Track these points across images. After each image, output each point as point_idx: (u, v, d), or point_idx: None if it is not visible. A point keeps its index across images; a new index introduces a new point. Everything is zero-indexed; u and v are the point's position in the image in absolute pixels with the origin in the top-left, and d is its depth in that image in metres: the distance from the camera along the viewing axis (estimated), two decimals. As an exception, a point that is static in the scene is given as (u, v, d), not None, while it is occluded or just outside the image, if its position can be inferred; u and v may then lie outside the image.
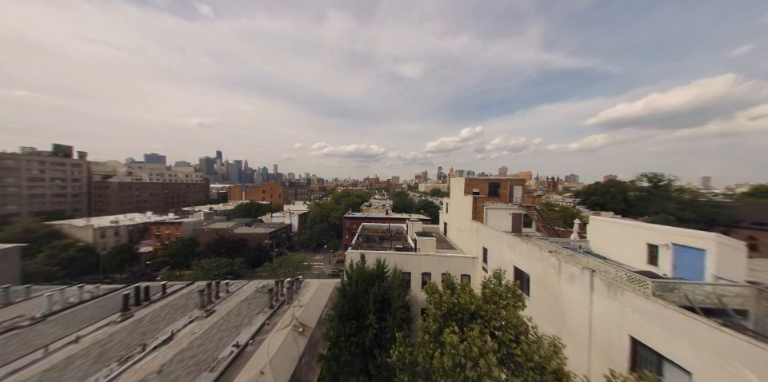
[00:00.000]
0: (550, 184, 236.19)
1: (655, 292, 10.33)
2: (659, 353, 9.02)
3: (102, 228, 68.72)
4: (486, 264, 23.20)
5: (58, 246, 53.95)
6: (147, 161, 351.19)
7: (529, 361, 9.78)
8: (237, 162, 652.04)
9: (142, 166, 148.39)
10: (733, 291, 10.29)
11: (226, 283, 23.38)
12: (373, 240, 37.93)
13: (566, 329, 12.99)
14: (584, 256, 14.96)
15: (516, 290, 12.84)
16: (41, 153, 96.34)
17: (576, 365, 11.83)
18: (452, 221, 35.18)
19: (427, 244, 27.26)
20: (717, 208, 45.95)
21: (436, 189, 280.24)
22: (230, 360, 13.26)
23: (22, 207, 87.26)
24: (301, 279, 25.40)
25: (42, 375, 11.83)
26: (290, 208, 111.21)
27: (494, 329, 11.65)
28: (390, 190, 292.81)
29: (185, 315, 18.09)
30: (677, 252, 14.13)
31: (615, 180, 72.63)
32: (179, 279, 47.63)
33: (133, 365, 12.65)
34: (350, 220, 72.90)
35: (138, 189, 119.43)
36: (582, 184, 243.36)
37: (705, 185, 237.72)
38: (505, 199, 30.61)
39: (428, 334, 11.53)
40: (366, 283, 17.91)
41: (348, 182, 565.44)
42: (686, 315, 8.31)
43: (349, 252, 25.44)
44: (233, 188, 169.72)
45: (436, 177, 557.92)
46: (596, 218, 20.26)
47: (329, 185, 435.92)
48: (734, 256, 12.75)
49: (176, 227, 72.63)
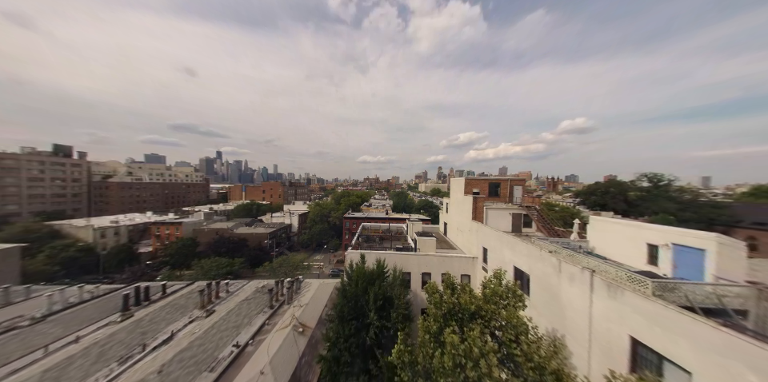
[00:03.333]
0: (549, 184, 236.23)
1: (655, 292, 10.32)
2: (659, 353, 9.01)
3: (102, 228, 68.72)
4: (486, 264, 23.19)
5: (58, 246, 53.91)
6: (147, 161, 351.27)
7: (529, 361, 9.79)
8: (237, 162, 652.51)
9: (141, 166, 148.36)
10: (733, 291, 10.27)
11: (226, 283, 23.39)
12: (373, 240, 37.91)
13: (566, 329, 12.97)
14: (584, 256, 14.94)
15: (516, 290, 12.84)
16: (41, 152, 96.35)
17: (576, 365, 11.83)
18: (452, 221, 35.17)
19: (427, 244, 27.23)
20: (717, 208, 45.97)
21: (436, 189, 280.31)
22: (229, 360, 13.27)
23: (22, 207, 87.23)
24: (301, 279, 25.41)
25: (42, 375, 11.83)
26: (290, 208, 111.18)
27: (494, 329, 11.66)
28: (390, 190, 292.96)
29: (185, 315, 18.10)
30: (677, 252, 14.12)
31: (615, 180, 72.58)
32: (179, 279, 47.65)
33: (133, 365, 12.65)
34: (349, 220, 72.90)
35: (138, 189, 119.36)
36: (582, 184, 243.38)
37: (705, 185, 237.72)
38: (505, 199, 30.60)
39: (428, 334, 11.53)
40: (366, 283, 17.90)
41: (348, 182, 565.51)
42: (686, 315, 8.30)
43: (349, 252, 25.41)
44: (233, 188, 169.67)
45: (436, 177, 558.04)
46: (596, 218, 20.25)
47: (329, 185, 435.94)
48: (734, 256, 12.74)
49: (176, 227, 72.62)
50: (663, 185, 56.74)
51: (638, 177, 61.60)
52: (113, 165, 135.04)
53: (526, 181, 34.23)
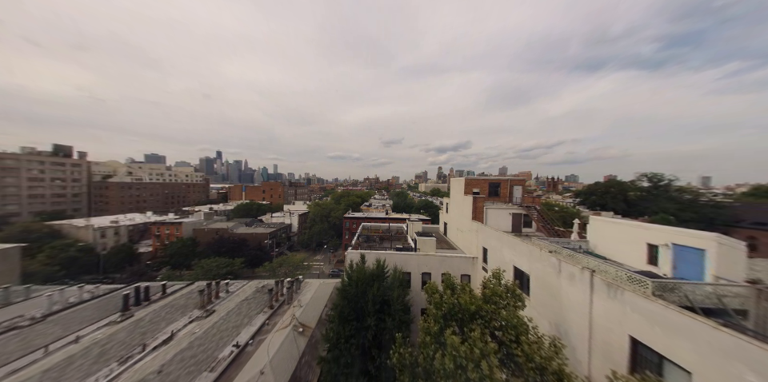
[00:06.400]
0: (549, 184, 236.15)
1: (655, 292, 10.33)
2: (659, 353, 9.02)
3: (102, 228, 68.75)
4: (486, 264, 23.19)
5: (58, 246, 53.89)
6: (147, 161, 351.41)
7: (530, 362, 9.79)
8: (237, 162, 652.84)
9: (141, 166, 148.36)
10: (733, 291, 10.28)
11: (226, 283, 23.38)
12: (373, 240, 37.91)
13: (567, 329, 12.98)
14: (584, 256, 14.95)
15: (516, 290, 12.85)
16: (41, 152, 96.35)
17: (576, 366, 11.83)
18: (452, 221, 35.17)
19: (427, 244, 27.23)
20: (717, 208, 45.97)
21: (436, 189, 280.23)
22: (229, 360, 13.27)
23: (22, 207, 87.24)
24: (301, 279, 25.40)
25: (42, 375, 11.82)
26: (290, 208, 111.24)
27: (494, 330, 11.66)
28: (390, 190, 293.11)
29: (185, 315, 18.09)
30: (677, 252, 14.13)
31: (615, 180, 72.64)
32: (179, 279, 47.62)
33: (133, 365, 12.65)
34: (350, 220, 72.90)
35: (138, 189, 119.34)
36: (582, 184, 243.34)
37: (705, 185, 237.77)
38: (505, 199, 30.61)
39: (429, 335, 11.52)
40: (366, 284, 17.89)
41: (348, 182, 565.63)
42: (686, 315, 8.30)
43: (349, 252, 25.42)
44: (233, 188, 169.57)
45: (436, 177, 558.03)
46: (596, 218, 20.25)
47: (329, 185, 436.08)
48: (733, 256, 12.75)
49: (176, 227, 72.63)
50: (663, 185, 56.77)
51: (637, 176, 61.66)
52: (113, 165, 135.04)
53: (526, 181, 34.23)
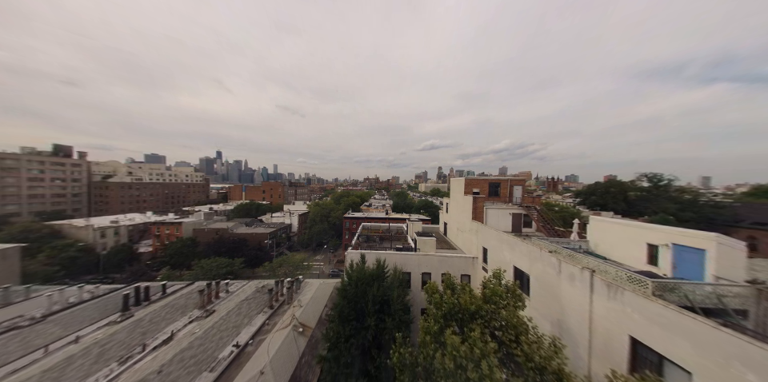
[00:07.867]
0: (549, 184, 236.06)
1: (655, 292, 10.33)
2: (659, 353, 9.02)
3: (102, 228, 68.72)
4: (486, 264, 23.19)
5: (58, 246, 53.92)
6: (147, 161, 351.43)
7: (529, 362, 9.79)
8: (237, 162, 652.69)
9: (141, 166, 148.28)
10: (733, 291, 10.28)
11: (226, 283, 23.36)
12: (373, 240, 37.91)
13: (566, 329, 12.98)
14: (584, 256, 14.96)
15: (516, 290, 12.85)
16: (41, 152, 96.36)
17: (576, 365, 11.83)
18: (452, 221, 35.17)
19: (427, 244, 27.24)
20: (717, 208, 45.95)
21: (436, 189, 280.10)
22: (229, 360, 13.26)
23: (22, 207, 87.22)
24: (301, 279, 25.38)
25: (42, 375, 11.81)
26: (290, 208, 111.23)
27: (494, 329, 11.66)
28: (390, 190, 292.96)
29: (185, 315, 18.08)
30: (677, 252, 14.14)
31: (615, 180, 72.61)
32: (179, 279, 47.65)
33: (133, 365, 12.64)
34: (349, 220, 72.87)
35: (138, 189, 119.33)
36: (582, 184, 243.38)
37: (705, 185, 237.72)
38: (505, 199, 30.60)
39: (429, 335, 11.52)
40: (366, 284, 17.89)
41: (348, 182, 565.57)
42: (686, 315, 8.30)
43: (349, 252, 25.42)
44: (233, 188, 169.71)
45: (436, 176, 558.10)
46: (596, 218, 20.27)
47: (329, 185, 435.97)
48: (733, 256, 12.76)
49: (176, 227, 72.59)
50: (663, 185, 56.73)
51: (637, 177, 61.61)
52: (113, 165, 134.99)
53: (526, 181, 34.21)
